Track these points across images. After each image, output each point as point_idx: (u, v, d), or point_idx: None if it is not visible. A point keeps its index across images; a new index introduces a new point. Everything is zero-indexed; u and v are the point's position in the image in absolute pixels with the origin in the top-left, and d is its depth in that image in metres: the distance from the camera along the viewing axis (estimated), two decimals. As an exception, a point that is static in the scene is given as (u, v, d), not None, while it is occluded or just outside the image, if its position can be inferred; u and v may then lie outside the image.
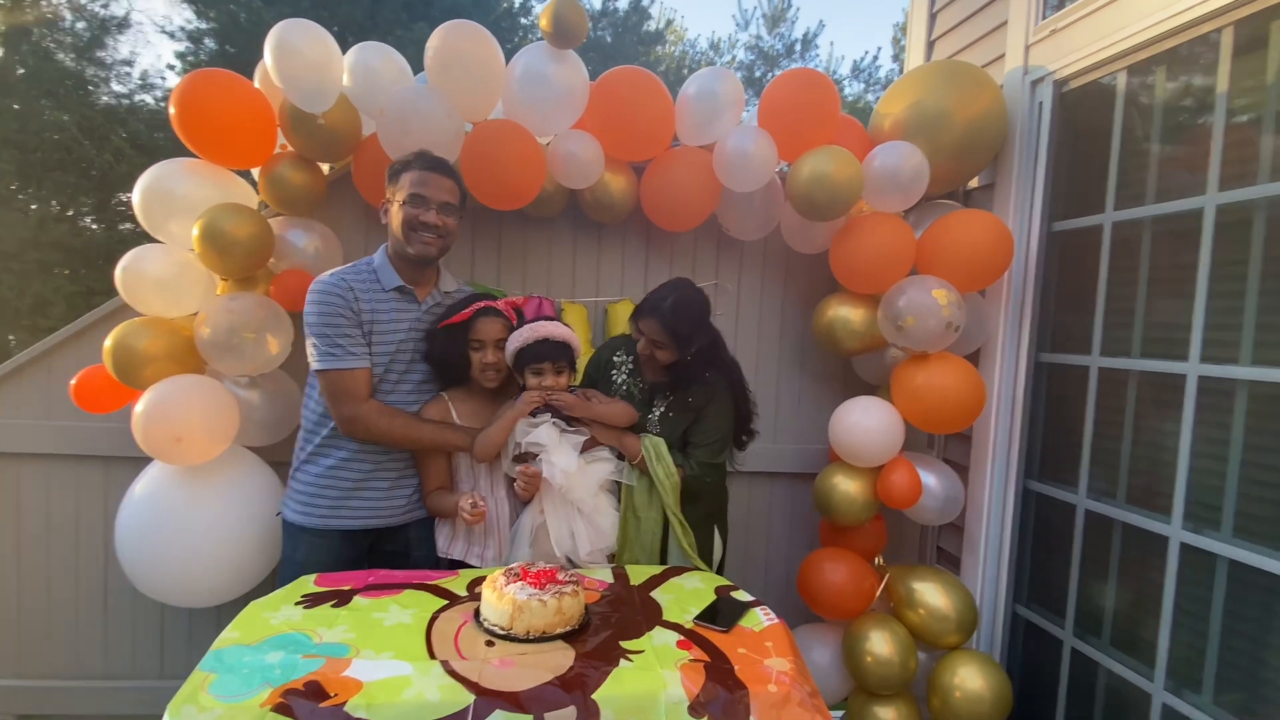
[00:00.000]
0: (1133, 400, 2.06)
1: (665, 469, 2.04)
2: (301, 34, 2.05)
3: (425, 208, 1.91)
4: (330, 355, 1.87)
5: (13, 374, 2.43)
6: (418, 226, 1.91)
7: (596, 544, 2.01)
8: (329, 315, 1.87)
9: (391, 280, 1.96)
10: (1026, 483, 2.43)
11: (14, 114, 7.82)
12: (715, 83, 2.29)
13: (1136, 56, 2.03)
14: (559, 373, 2.01)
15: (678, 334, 1.99)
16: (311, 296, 1.89)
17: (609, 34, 11.92)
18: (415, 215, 1.90)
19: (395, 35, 7.62)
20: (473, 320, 1.98)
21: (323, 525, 1.97)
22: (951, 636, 2.29)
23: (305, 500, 1.97)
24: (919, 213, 2.53)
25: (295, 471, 2.02)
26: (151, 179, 2.17)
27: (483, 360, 1.99)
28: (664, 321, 1.98)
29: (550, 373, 2.00)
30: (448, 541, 2.04)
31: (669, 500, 2.04)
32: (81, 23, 8.82)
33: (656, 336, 2.01)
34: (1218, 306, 1.81)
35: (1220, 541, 1.77)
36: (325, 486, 1.96)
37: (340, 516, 1.97)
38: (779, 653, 1.48)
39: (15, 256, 7.58)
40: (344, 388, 1.89)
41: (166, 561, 2.20)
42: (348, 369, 1.88)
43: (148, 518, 2.19)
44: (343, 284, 1.90)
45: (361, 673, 1.30)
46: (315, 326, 1.88)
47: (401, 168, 1.93)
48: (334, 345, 1.87)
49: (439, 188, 1.93)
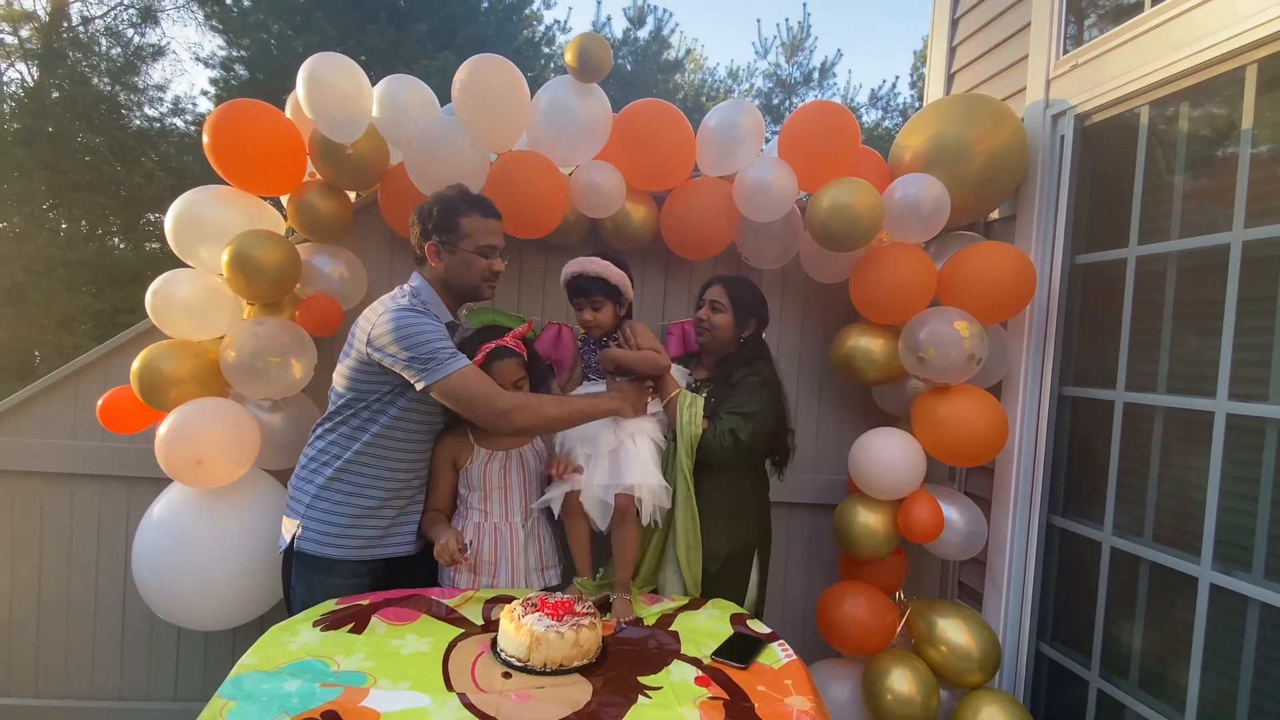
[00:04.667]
0: (1159, 436, 2.03)
1: (692, 416, 2.08)
2: (333, 67, 2.10)
3: (495, 255, 1.97)
4: (446, 362, 1.80)
5: (41, 394, 2.48)
6: (491, 276, 1.98)
7: (614, 478, 2.01)
8: (425, 328, 1.81)
9: (445, 316, 1.98)
10: (1050, 518, 2.39)
11: (48, 136, 8.05)
12: (736, 114, 2.31)
13: (1159, 92, 2.03)
14: (596, 309, 2.07)
15: (737, 297, 2.23)
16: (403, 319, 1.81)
17: (629, 62, 12.08)
18: (489, 266, 1.96)
19: (421, 64, 7.76)
20: (487, 365, 1.97)
21: (356, 556, 1.93)
22: (974, 675, 2.24)
23: (332, 531, 1.91)
24: (939, 244, 2.53)
25: (315, 500, 1.92)
26: (183, 206, 2.22)
27: None
28: (726, 285, 2.25)
29: (587, 307, 2.08)
30: (452, 573, 2.02)
31: (683, 450, 2.06)
32: (117, 49, 9.10)
33: (718, 298, 2.24)
34: (1245, 343, 1.78)
35: (1251, 583, 1.72)
36: (359, 517, 1.92)
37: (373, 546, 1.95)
38: (799, 691, 1.46)
39: (44, 274, 7.74)
40: (483, 382, 1.85)
41: (182, 584, 2.20)
42: (468, 365, 1.85)
43: (164, 539, 2.20)
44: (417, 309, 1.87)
45: (379, 703, 1.29)
46: (417, 346, 1.79)
47: (460, 211, 1.92)
48: (437, 353, 1.80)
49: (499, 233, 1.99)
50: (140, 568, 2.23)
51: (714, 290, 2.25)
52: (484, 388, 1.85)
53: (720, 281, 2.27)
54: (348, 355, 1.91)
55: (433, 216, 1.93)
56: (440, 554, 1.87)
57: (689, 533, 2.07)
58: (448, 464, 2.06)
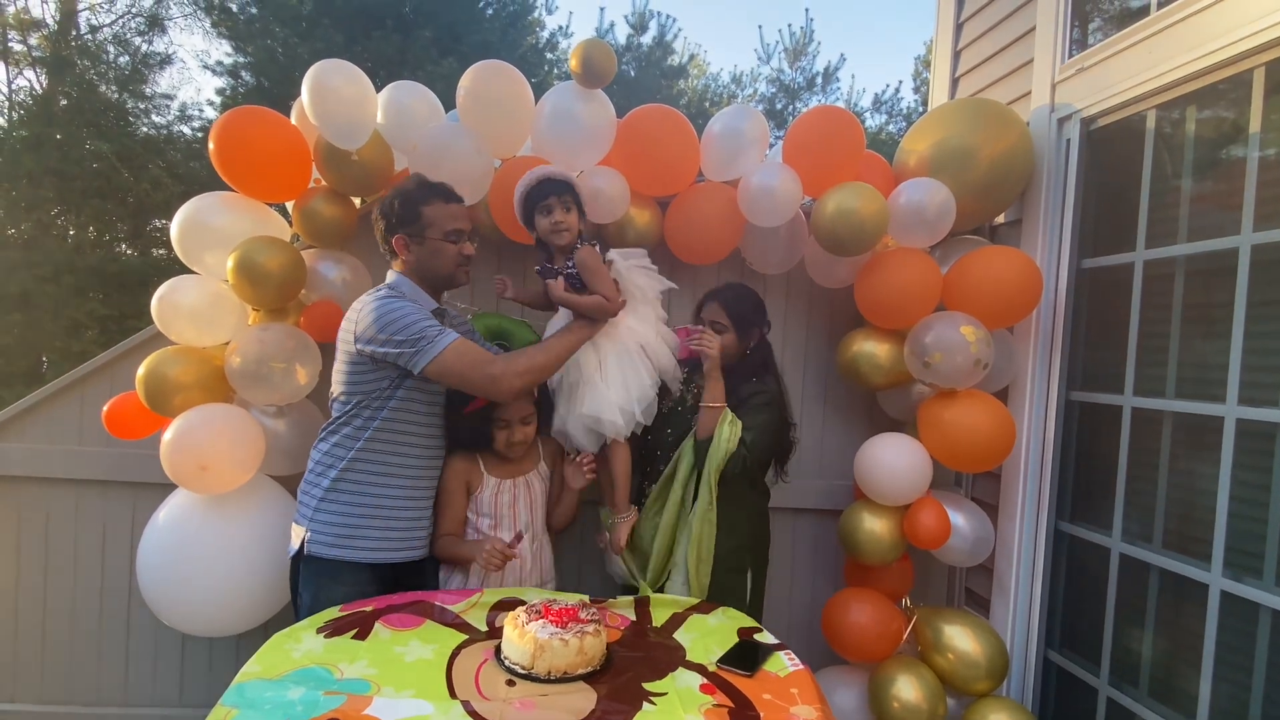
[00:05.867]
0: (1168, 441, 2.02)
1: (732, 434, 2.06)
2: (338, 73, 2.10)
3: (465, 240, 1.97)
4: (435, 339, 1.79)
5: (47, 400, 2.48)
6: (463, 261, 1.98)
7: (590, 409, 2.01)
8: (407, 312, 1.81)
9: (429, 304, 1.97)
10: (1058, 524, 2.37)
11: (56, 143, 8.11)
12: (740, 120, 2.31)
13: (1166, 95, 2.02)
14: (567, 209, 1.99)
15: (736, 314, 2.17)
16: (384, 307, 1.81)
17: (633, 68, 12.10)
18: (460, 251, 1.96)
19: (425, 71, 7.79)
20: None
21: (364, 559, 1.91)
22: (982, 683, 2.22)
23: (339, 533, 1.90)
24: (945, 248, 2.52)
25: (321, 504, 1.91)
26: (189, 212, 2.23)
27: (510, 439, 2.04)
28: (724, 303, 2.18)
29: (559, 208, 1.98)
30: (461, 587, 2.02)
31: (711, 464, 2.05)
32: (124, 56, 9.17)
33: (716, 318, 2.18)
34: (1255, 348, 1.77)
35: (1262, 590, 1.71)
36: (367, 518, 1.91)
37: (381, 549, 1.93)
38: (805, 700, 1.45)
39: (52, 280, 7.79)
40: (473, 354, 1.83)
41: (186, 590, 2.20)
42: (456, 340, 1.82)
43: (169, 545, 2.20)
44: (400, 296, 1.87)
45: (382, 711, 1.28)
46: (403, 330, 1.78)
47: (421, 200, 1.92)
48: (425, 332, 1.79)
49: (465, 217, 1.99)
50: (145, 574, 2.23)
51: (712, 310, 2.20)
52: (475, 357, 1.83)
53: (717, 299, 2.21)
54: (338, 359, 1.92)
55: (395, 210, 1.93)
56: (491, 559, 1.87)
57: (703, 543, 2.07)
58: (461, 487, 2.06)
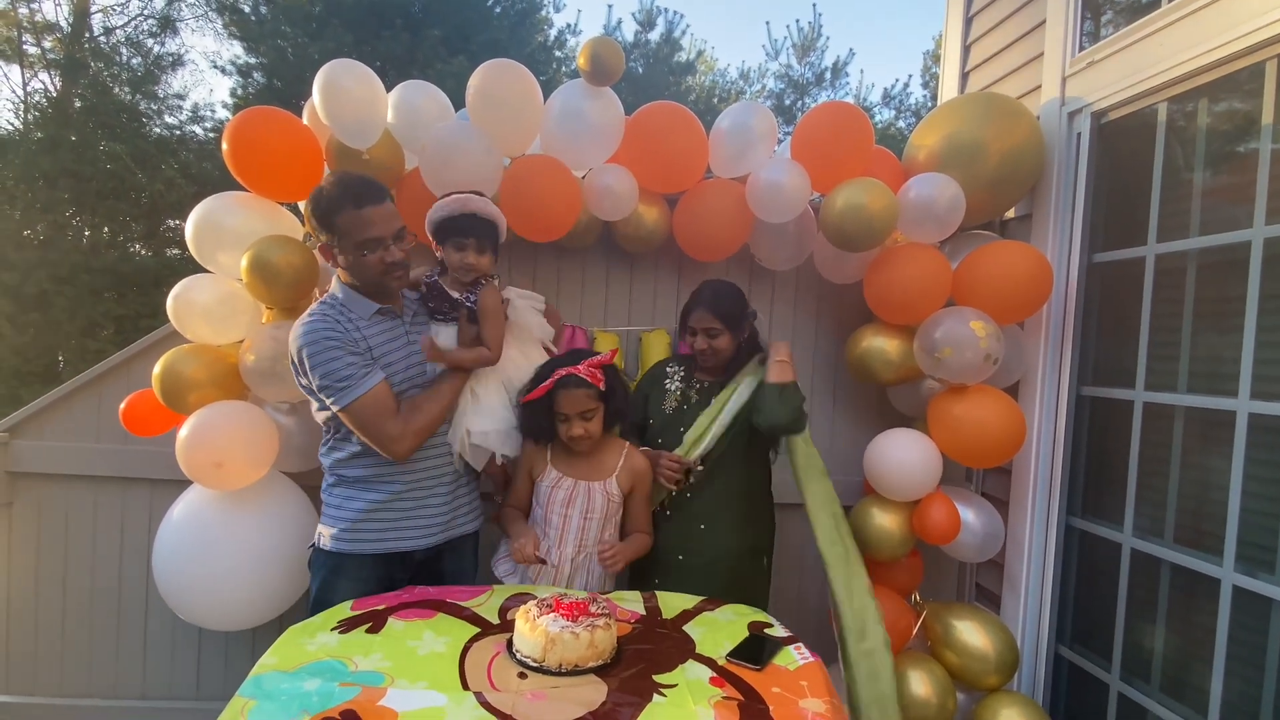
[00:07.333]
0: (1180, 436, 2.01)
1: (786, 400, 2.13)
2: (348, 73, 2.11)
3: (383, 247, 1.80)
4: (347, 388, 1.76)
5: (65, 399, 2.52)
6: (387, 270, 1.82)
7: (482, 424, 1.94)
8: (326, 351, 1.75)
9: (369, 308, 1.87)
10: (1069, 519, 2.36)
11: (71, 145, 8.19)
12: (748, 116, 2.31)
13: (1178, 89, 2.01)
14: (481, 251, 1.93)
15: (725, 313, 2.13)
16: (306, 340, 1.76)
17: (641, 65, 12.09)
18: (380, 259, 1.80)
19: (435, 70, 7.81)
20: (554, 392, 1.94)
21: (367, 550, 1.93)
22: (992, 677, 2.22)
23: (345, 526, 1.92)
24: (955, 243, 2.51)
25: (328, 499, 1.97)
26: (203, 212, 2.25)
27: (569, 432, 1.97)
28: (710, 306, 2.13)
29: (472, 250, 1.92)
30: (505, 574, 2.05)
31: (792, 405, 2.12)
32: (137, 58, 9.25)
33: (709, 324, 2.13)
34: (1267, 341, 1.76)
35: (1275, 585, 1.70)
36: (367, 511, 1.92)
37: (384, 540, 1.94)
38: (814, 693, 1.45)
39: (68, 280, 7.87)
40: (378, 408, 1.79)
41: (202, 585, 2.23)
42: (369, 390, 1.78)
43: (184, 541, 2.23)
44: (327, 320, 1.80)
45: (396, 702, 1.30)
46: (319, 368, 1.75)
47: (333, 211, 1.77)
48: (343, 378, 1.76)
49: (384, 220, 1.80)
50: (161, 569, 2.26)
51: (701, 318, 2.14)
52: (380, 409, 1.78)
53: (702, 305, 2.15)
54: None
55: (314, 219, 1.82)
56: (517, 553, 1.90)
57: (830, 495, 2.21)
58: (526, 471, 2.09)
